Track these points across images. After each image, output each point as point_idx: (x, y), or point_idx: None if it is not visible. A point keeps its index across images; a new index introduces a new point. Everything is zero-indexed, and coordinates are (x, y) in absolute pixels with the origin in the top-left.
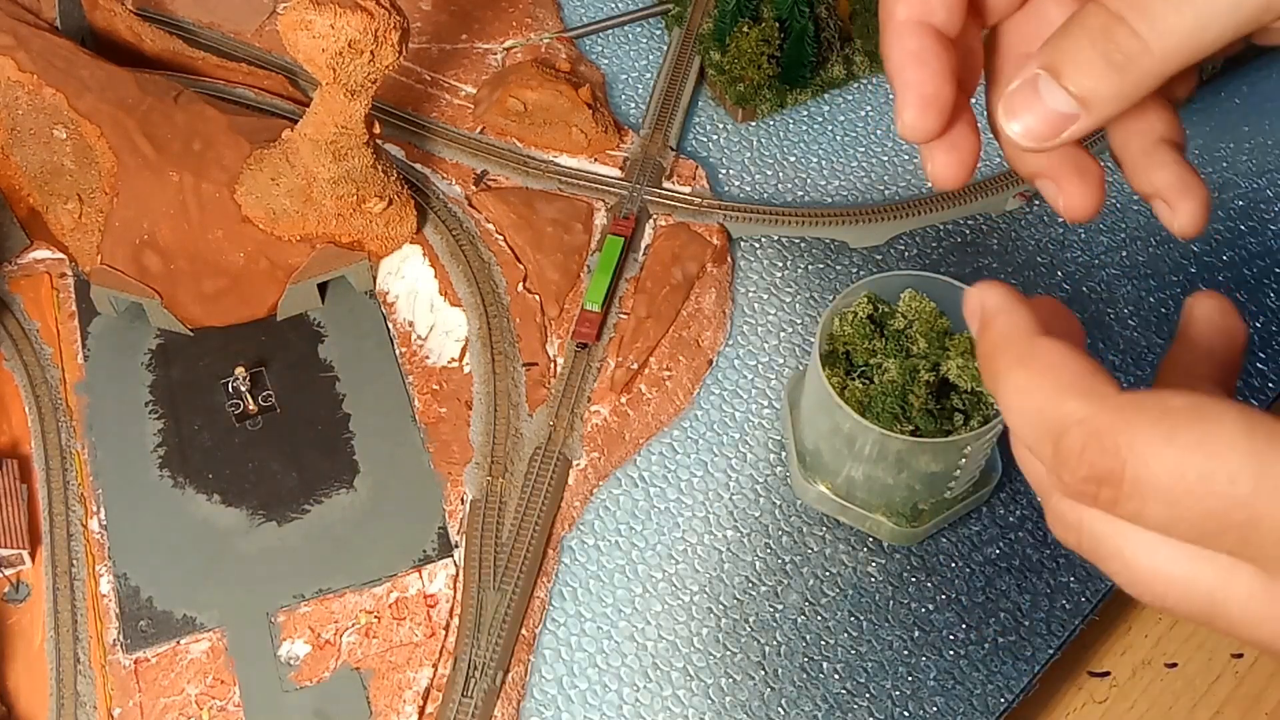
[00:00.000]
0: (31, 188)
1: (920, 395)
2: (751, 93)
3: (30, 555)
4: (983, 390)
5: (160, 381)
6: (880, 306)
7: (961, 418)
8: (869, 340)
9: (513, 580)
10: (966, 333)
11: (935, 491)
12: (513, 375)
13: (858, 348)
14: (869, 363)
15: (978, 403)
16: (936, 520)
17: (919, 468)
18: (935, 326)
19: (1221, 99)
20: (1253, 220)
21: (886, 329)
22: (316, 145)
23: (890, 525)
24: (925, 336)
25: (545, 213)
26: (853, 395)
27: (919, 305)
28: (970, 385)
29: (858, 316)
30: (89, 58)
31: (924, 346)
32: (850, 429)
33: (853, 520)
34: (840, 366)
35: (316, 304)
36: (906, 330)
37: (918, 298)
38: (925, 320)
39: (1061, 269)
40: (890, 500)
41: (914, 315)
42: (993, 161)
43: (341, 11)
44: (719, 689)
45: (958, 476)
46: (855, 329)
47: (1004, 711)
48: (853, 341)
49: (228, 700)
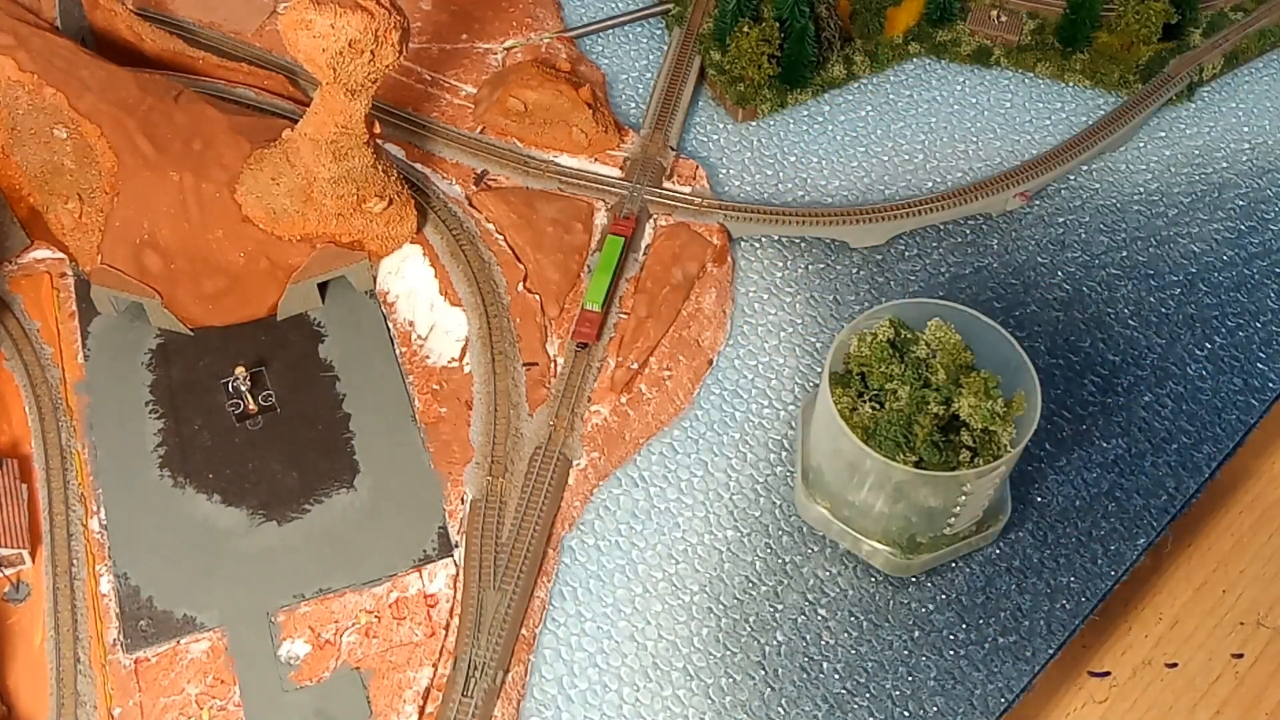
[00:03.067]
0: (32, 188)
1: (926, 426)
2: (752, 93)
3: (30, 555)
4: (995, 429)
5: (160, 381)
6: (903, 332)
7: (969, 454)
8: (886, 365)
9: (513, 580)
10: (983, 371)
11: (935, 526)
12: (513, 375)
13: (874, 371)
14: (884, 387)
15: (988, 442)
16: (935, 555)
17: (918, 500)
18: (958, 360)
19: (1221, 99)
20: (1253, 220)
21: (907, 355)
22: (317, 145)
23: (887, 554)
24: (946, 369)
25: (545, 212)
26: (861, 420)
27: (944, 336)
28: (982, 424)
29: (878, 339)
30: (89, 58)
31: (943, 379)
32: (852, 452)
33: (850, 545)
34: (853, 388)
35: (316, 304)
36: (928, 360)
37: (944, 328)
38: (948, 352)
39: (1061, 269)
40: (887, 530)
41: (938, 345)
42: (993, 161)
43: (342, 11)
44: (719, 689)
45: (958, 514)
46: (874, 351)
47: (1004, 711)
48: (869, 364)
49: (228, 700)
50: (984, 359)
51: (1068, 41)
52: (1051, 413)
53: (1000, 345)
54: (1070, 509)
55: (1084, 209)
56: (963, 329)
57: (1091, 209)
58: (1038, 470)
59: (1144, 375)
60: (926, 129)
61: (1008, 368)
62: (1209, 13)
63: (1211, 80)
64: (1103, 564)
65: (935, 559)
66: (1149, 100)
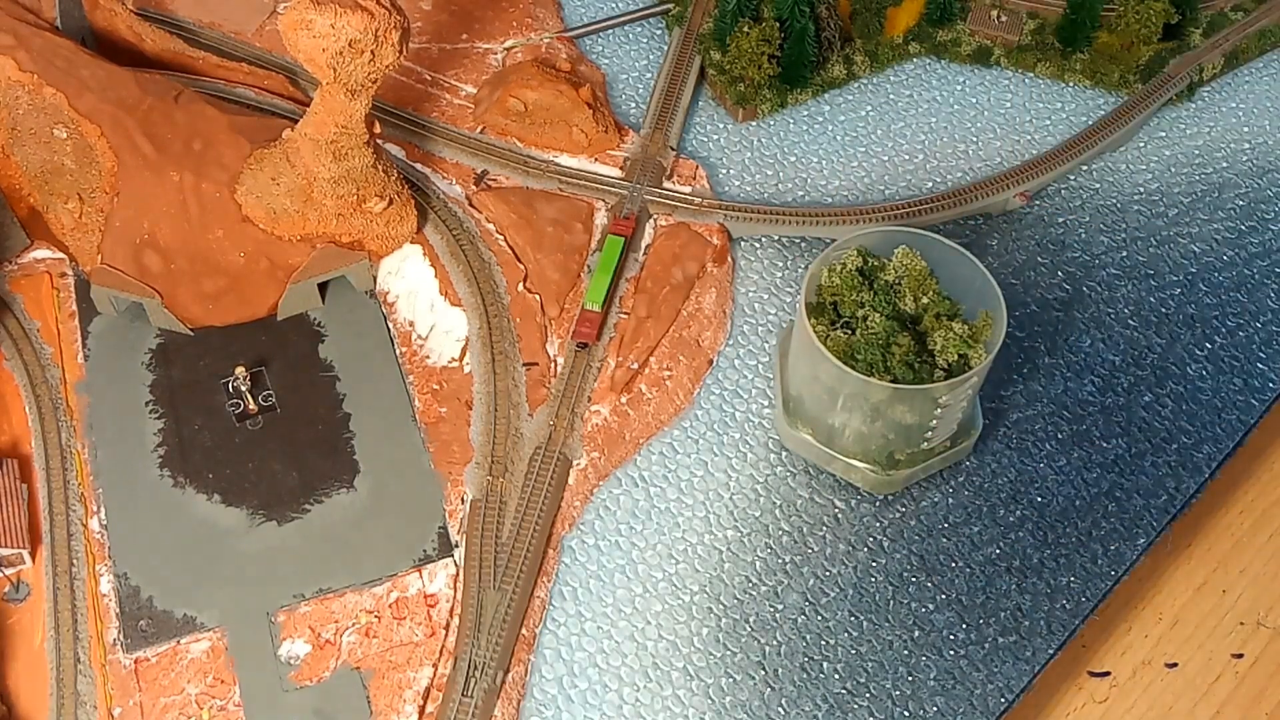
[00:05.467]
0: (32, 188)
1: (903, 346)
2: (752, 93)
3: (30, 555)
4: (967, 355)
5: (160, 381)
6: (870, 260)
7: (943, 375)
8: (857, 292)
9: (513, 580)
10: (944, 302)
11: (912, 442)
12: (513, 375)
13: (845, 299)
14: (854, 314)
15: (963, 367)
16: (914, 470)
17: (895, 417)
18: (924, 286)
19: (1222, 99)
20: (1253, 220)
21: (876, 282)
22: (317, 145)
23: (868, 472)
24: (914, 293)
25: (545, 212)
26: (835, 345)
27: (910, 263)
28: (956, 353)
29: (846, 268)
30: (89, 58)
31: (910, 304)
32: (831, 376)
33: (833, 468)
34: (826, 317)
35: (317, 304)
36: (895, 284)
37: (910, 255)
38: (914, 278)
39: (1061, 269)
40: (868, 449)
41: (904, 271)
42: (992, 161)
43: (342, 11)
44: (719, 689)
45: (934, 428)
46: (844, 280)
47: (1004, 711)
48: (840, 293)
49: (228, 700)
50: (949, 282)
51: (1068, 41)
52: (1052, 413)
53: (963, 266)
54: (1070, 509)
55: (1084, 209)
56: (928, 254)
57: (1091, 209)
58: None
59: (1144, 375)
60: (926, 129)
61: (972, 288)
62: (1209, 13)
63: (1211, 80)
64: (1103, 564)
65: (914, 474)
66: (1149, 100)
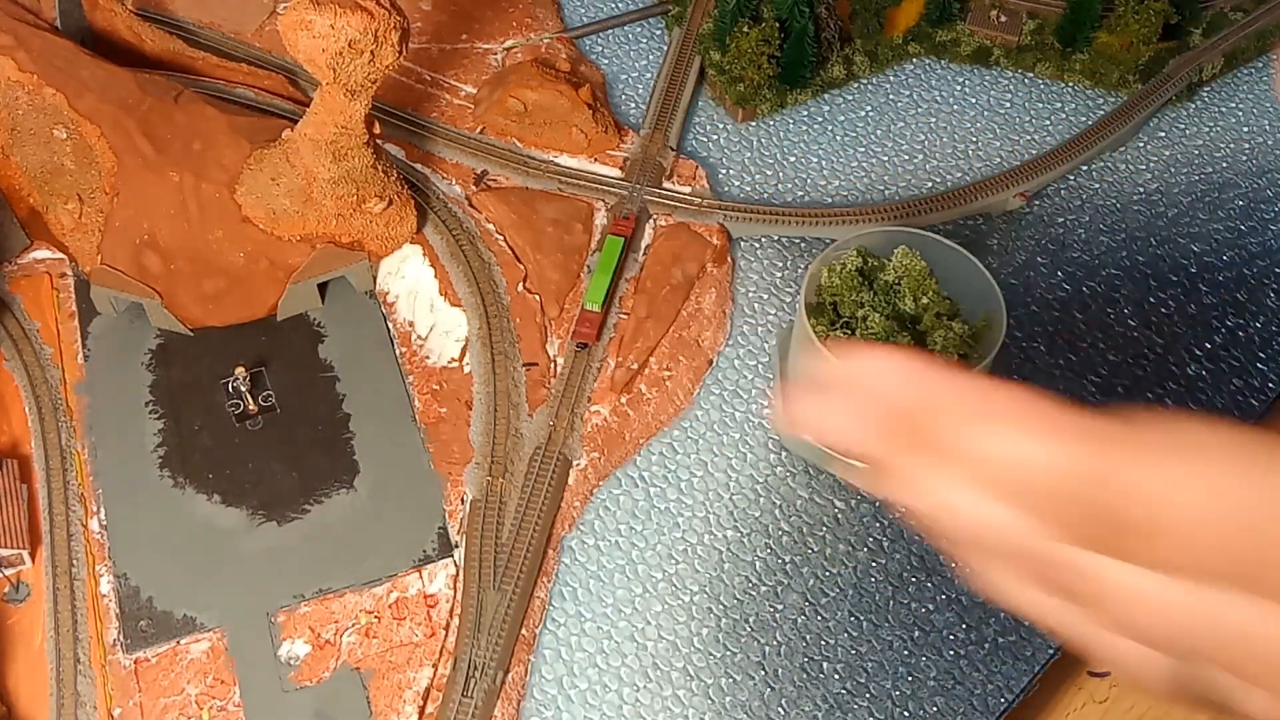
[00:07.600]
0: (31, 188)
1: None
2: (751, 93)
3: (30, 555)
4: (968, 354)
5: (160, 381)
6: (870, 260)
7: None
8: (856, 293)
9: (513, 580)
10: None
11: None
12: (513, 375)
13: (844, 299)
14: (854, 315)
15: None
16: None
17: None
18: (924, 286)
19: (1221, 99)
20: (1253, 220)
21: (875, 282)
22: (316, 145)
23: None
24: (914, 293)
25: (545, 213)
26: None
27: (910, 263)
28: (956, 353)
29: (846, 268)
30: (89, 58)
31: (910, 304)
32: None
33: (833, 468)
34: (826, 317)
35: (316, 304)
36: (895, 284)
37: (910, 255)
38: (914, 278)
39: (1061, 269)
40: None
41: (904, 271)
42: (992, 161)
43: (341, 11)
44: (719, 689)
45: None
46: (843, 280)
47: (1004, 711)
48: (840, 293)
49: (228, 700)
50: (949, 282)
51: (1067, 42)
52: None
53: (963, 266)
54: None
55: (1084, 209)
56: (928, 254)
57: (1091, 209)
58: None
59: (1144, 375)
60: (926, 129)
61: (972, 288)
62: (1209, 13)
63: (1211, 80)
64: None
65: None
66: (1149, 100)
